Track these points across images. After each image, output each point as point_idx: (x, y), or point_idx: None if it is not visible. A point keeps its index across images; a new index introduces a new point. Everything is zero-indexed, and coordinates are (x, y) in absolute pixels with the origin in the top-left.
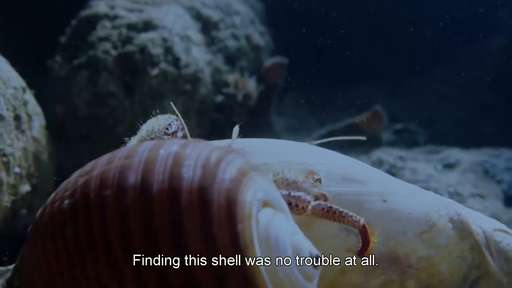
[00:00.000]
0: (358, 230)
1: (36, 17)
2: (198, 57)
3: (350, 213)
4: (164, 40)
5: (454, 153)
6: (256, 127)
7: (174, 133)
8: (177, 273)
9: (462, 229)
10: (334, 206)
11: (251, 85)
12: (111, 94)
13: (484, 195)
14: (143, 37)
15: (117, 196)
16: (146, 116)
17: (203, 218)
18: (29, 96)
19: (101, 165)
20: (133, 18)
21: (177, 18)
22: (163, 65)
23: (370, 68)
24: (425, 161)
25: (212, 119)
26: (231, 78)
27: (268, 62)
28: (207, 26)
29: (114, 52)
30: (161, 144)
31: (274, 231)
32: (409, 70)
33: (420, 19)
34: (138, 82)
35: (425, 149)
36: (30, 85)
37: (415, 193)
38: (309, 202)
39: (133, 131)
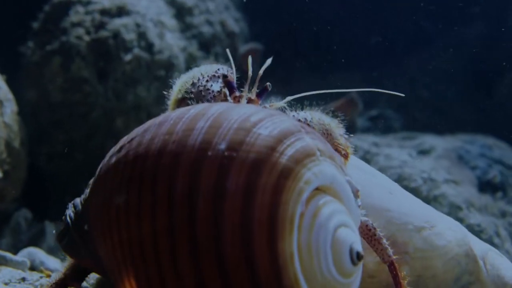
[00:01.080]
0: (386, 264)
1: (8, 2)
2: (172, 43)
3: (387, 246)
4: (138, 25)
5: (429, 140)
6: None
7: (221, 76)
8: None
9: (460, 238)
10: (378, 232)
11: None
12: (84, 80)
13: (457, 181)
14: (116, 23)
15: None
16: (119, 101)
17: (244, 232)
18: (1, 82)
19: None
20: (106, 3)
21: (150, 4)
22: (136, 50)
23: (347, 54)
24: (400, 147)
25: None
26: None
27: (243, 48)
28: (181, 12)
29: (87, 38)
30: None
31: (317, 230)
32: (386, 56)
33: (397, 6)
34: (111, 68)
35: (400, 136)
36: (2, 70)
37: (417, 199)
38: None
39: (107, 117)
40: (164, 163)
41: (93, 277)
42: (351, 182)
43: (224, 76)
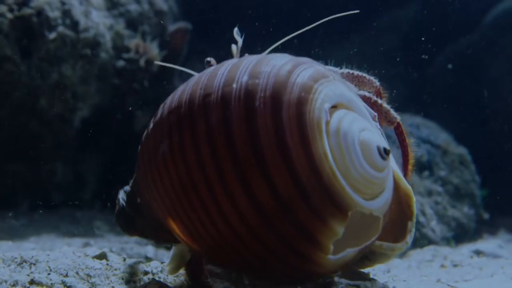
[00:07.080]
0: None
1: None
2: (98, 21)
3: (390, 108)
4: (62, 3)
5: None
6: (158, 92)
7: None
8: (263, 185)
9: None
10: (379, 99)
11: (153, 50)
12: (7, 58)
13: None
14: (40, 0)
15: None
16: (44, 80)
17: (277, 134)
18: None
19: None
20: None
21: None
22: (61, 28)
23: (282, 32)
24: None
25: (113, 85)
26: (132, 43)
27: (172, 27)
28: None
29: (10, 15)
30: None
31: (344, 133)
32: (320, 37)
33: None
34: (35, 46)
35: None
36: None
37: None
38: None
39: (31, 96)
40: (199, 104)
41: None
42: (369, 109)
43: None
